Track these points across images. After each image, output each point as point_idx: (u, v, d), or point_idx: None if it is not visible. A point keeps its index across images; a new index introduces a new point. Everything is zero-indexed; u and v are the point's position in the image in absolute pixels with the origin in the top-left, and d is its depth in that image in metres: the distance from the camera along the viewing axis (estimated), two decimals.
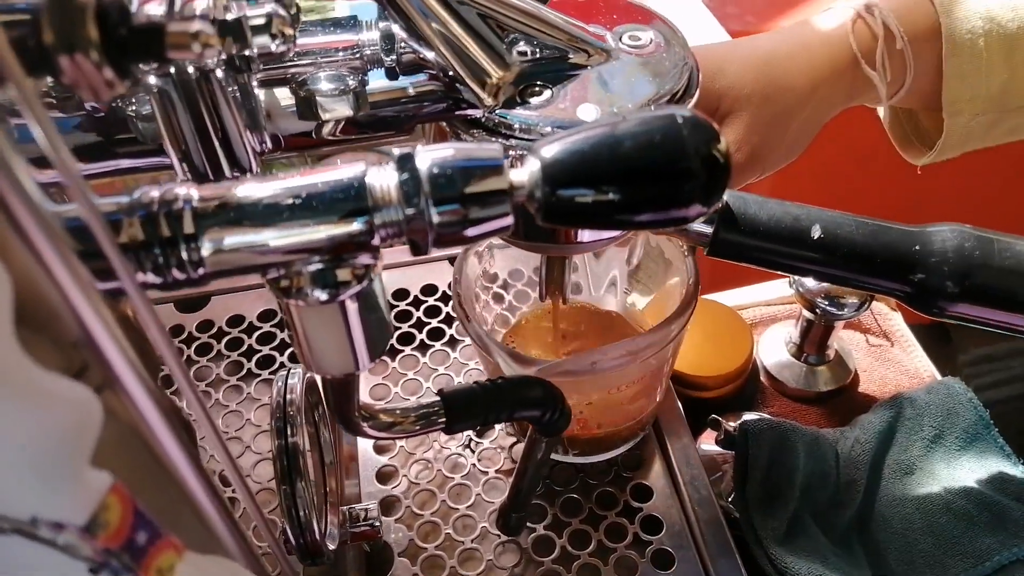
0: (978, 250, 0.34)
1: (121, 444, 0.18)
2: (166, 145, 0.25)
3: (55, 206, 0.16)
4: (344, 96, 0.31)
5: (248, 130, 0.26)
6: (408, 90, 0.31)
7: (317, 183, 0.20)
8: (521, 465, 0.35)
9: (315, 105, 0.31)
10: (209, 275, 0.20)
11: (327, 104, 0.31)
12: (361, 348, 0.22)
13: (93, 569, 0.16)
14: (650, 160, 0.20)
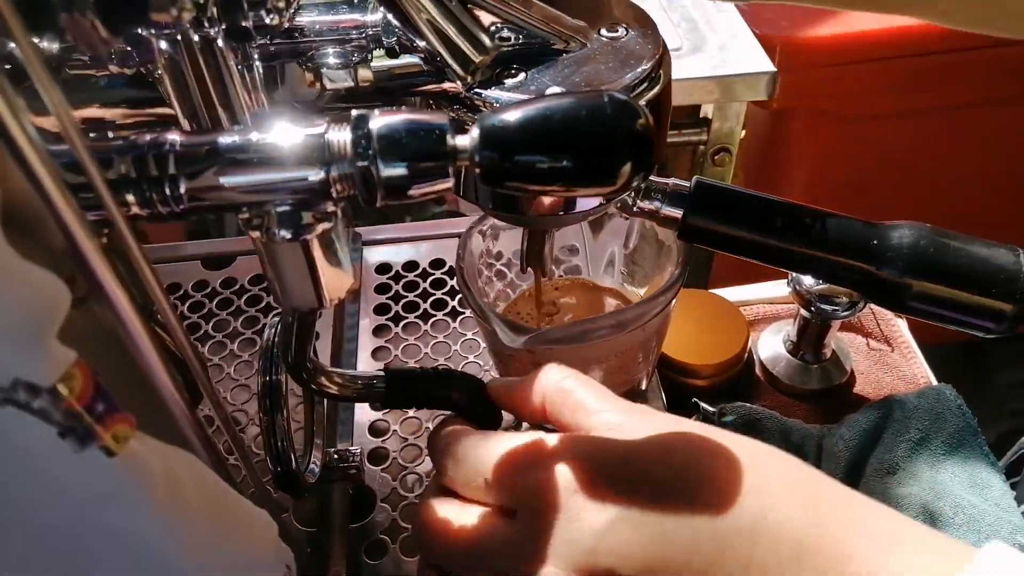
0: (932, 247, 0.35)
1: (100, 354, 0.22)
2: (174, 104, 0.29)
3: (52, 144, 0.20)
4: (346, 70, 0.34)
5: (247, 93, 0.30)
6: (402, 68, 0.34)
7: (285, 137, 0.23)
8: None
9: (320, 77, 0.34)
10: (188, 210, 0.23)
11: (331, 75, 0.34)
12: (322, 286, 0.26)
13: (61, 433, 0.19)
14: (575, 133, 0.23)
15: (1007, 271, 0.35)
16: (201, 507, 0.23)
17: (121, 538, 0.22)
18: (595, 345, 0.38)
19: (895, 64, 0.88)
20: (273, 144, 0.23)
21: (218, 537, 0.24)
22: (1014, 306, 0.35)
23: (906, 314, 0.37)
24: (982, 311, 0.35)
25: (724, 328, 0.60)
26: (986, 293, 0.35)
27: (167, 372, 0.22)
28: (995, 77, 0.91)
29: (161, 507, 0.21)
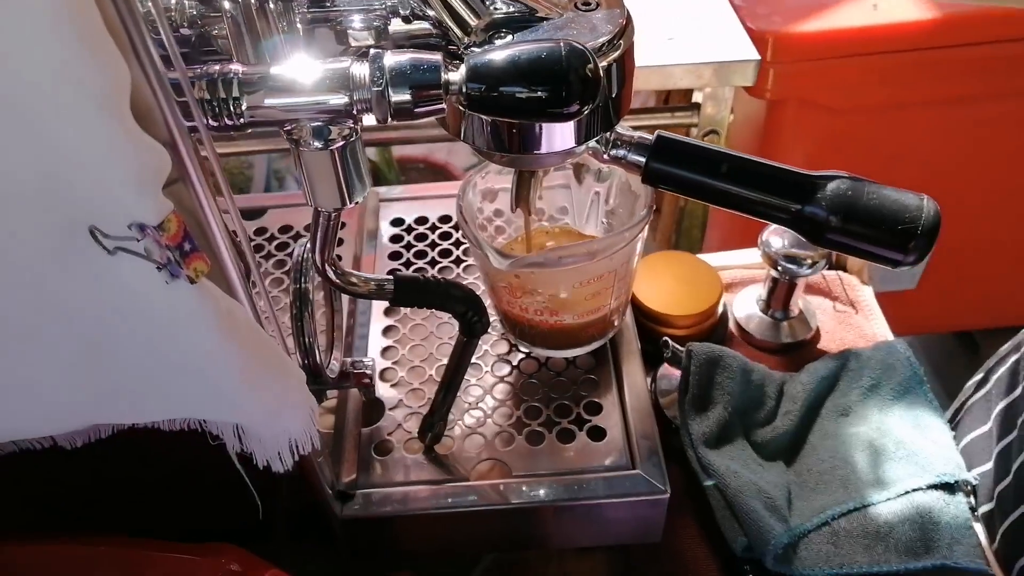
0: (851, 191, 0.42)
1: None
2: (234, 54, 0.37)
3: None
4: (368, 31, 0.42)
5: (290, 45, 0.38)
6: (415, 32, 0.42)
7: (318, 69, 0.31)
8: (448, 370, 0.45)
9: (346, 37, 0.42)
10: (246, 124, 0.31)
11: (356, 36, 0.42)
12: (345, 188, 0.33)
13: (159, 267, 0.27)
14: (537, 69, 0.31)
15: (911, 210, 0.42)
16: (251, 344, 0.31)
17: (190, 360, 0.30)
18: (568, 270, 0.45)
19: (883, 59, 0.94)
20: (309, 74, 0.31)
21: (263, 372, 0.32)
22: (915, 241, 0.41)
23: (828, 248, 0.43)
24: (891, 243, 0.42)
25: (700, 284, 0.67)
26: (893, 228, 0.42)
27: (226, 243, 0.30)
28: (981, 73, 0.97)
29: (223, 334, 0.29)
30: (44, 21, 0.21)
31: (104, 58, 0.23)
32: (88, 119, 0.23)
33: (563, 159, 0.44)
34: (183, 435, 0.36)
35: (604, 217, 0.56)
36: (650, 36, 0.83)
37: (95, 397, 0.32)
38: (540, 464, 0.49)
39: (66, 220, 0.27)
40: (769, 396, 0.61)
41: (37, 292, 0.29)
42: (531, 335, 0.53)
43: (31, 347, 0.30)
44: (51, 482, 0.41)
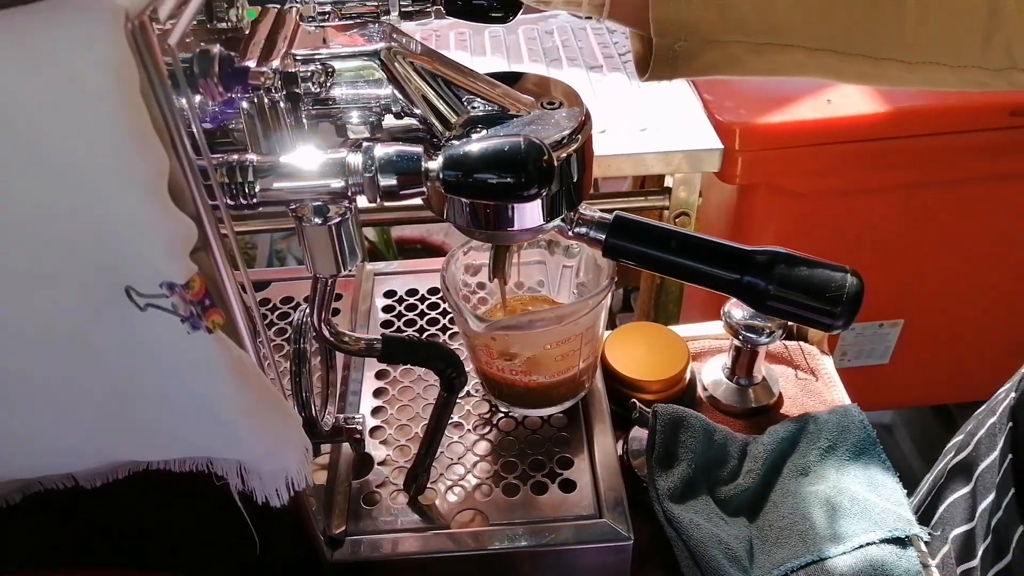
0: (784, 263, 0.48)
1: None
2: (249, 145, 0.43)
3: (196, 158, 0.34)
4: (364, 126, 0.49)
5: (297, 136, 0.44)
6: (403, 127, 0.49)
7: (321, 157, 0.37)
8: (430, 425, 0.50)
9: (345, 130, 0.49)
10: (259, 203, 0.37)
11: (354, 129, 0.49)
12: (341, 257, 0.39)
13: (183, 320, 0.33)
14: (501, 160, 0.37)
15: (836, 280, 0.47)
16: (256, 388, 0.36)
17: (205, 401, 0.35)
18: (539, 332, 0.51)
19: (838, 148, 1.03)
20: (312, 162, 0.37)
21: (266, 414, 0.37)
22: (841, 307, 0.47)
23: (770, 313, 0.49)
24: (820, 311, 0.48)
25: (669, 353, 0.72)
26: (821, 296, 0.47)
27: (238, 302, 0.36)
28: (927, 163, 1.06)
29: (233, 378, 0.34)
30: (107, 120, 0.27)
31: (150, 149, 0.29)
32: (135, 197, 0.29)
33: (533, 235, 0.50)
34: (191, 476, 0.41)
35: (575, 289, 0.62)
36: (625, 128, 0.92)
37: (119, 436, 0.37)
38: (516, 514, 0.53)
39: (107, 281, 0.32)
40: (732, 455, 0.65)
41: (77, 342, 0.34)
42: (508, 394, 0.58)
43: (66, 391, 0.36)
44: (70, 518, 0.45)
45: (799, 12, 0.47)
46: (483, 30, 1.19)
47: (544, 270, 0.65)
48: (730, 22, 0.47)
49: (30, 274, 0.32)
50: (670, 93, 1.01)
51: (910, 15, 0.45)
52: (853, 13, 0.46)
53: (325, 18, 0.48)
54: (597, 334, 0.55)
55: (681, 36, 0.48)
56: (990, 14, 0.44)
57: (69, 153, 0.28)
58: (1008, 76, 0.47)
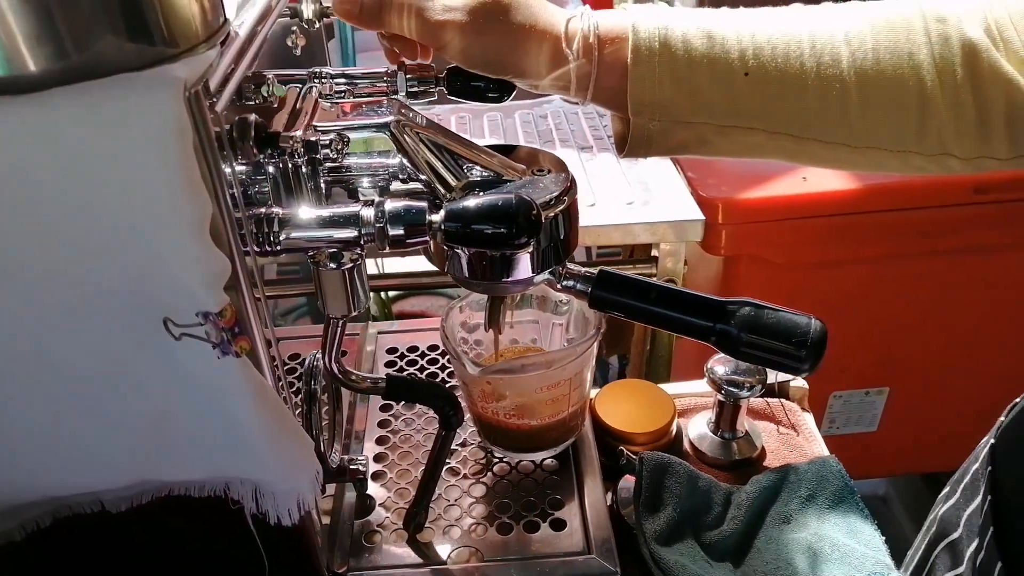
0: (753, 312, 0.53)
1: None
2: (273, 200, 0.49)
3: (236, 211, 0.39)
4: (374, 190, 0.55)
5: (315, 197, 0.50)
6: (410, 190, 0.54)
7: (337, 210, 0.43)
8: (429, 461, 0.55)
9: (357, 194, 0.54)
10: (282, 250, 0.43)
11: (364, 192, 0.54)
12: (352, 299, 0.44)
13: (214, 346, 0.37)
14: (495, 213, 0.42)
15: (801, 327, 0.52)
16: (275, 412, 0.40)
17: (230, 422, 0.39)
18: (530, 376, 0.55)
19: (814, 222, 1.09)
20: (330, 215, 0.43)
21: (283, 436, 0.41)
22: (806, 351, 0.52)
23: (743, 359, 0.53)
24: (787, 355, 0.52)
25: (655, 407, 0.76)
26: (788, 343, 0.52)
27: (260, 333, 0.41)
28: (898, 236, 1.12)
29: (256, 401, 0.39)
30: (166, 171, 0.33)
31: (198, 195, 0.34)
32: (184, 236, 0.34)
33: (525, 287, 0.55)
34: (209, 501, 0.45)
35: (565, 343, 0.67)
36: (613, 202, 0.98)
37: (150, 455, 0.41)
38: (509, 551, 0.56)
39: (147, 314, 0.37)
40: (716, 502, 0.69)
41: (117, 370, 0.39)
42: (502, 438, 0.62)
43: (106, 414, 0.40)
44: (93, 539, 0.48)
45: (758, 99, 0.53)
46: (482, 114, 1.28)
47: (537, 328, 0.70)
48: (698, 105, 0.54)
49: (81, 309, 0.37)
50: (656, 171, 1.08)
51: (853, 104, 0.51)
52: (805, 101, 0.52)
53: (342, 96, 0.54)
54: (584, 380, 0.60)
55: (655, 116, 0.54)
56: (920, 106, 0.51)
57: (130, 199, 0.34)
58: (941, 161, 0.53)
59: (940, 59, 0.50)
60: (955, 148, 0.52)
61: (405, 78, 0.60)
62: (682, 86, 0.53)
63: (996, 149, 0.51)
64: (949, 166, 0.53)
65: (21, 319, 0.36)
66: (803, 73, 0.51)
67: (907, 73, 0.50)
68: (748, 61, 0.52)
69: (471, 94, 0.61)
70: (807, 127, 0.53)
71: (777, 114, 0.53)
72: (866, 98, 0.51)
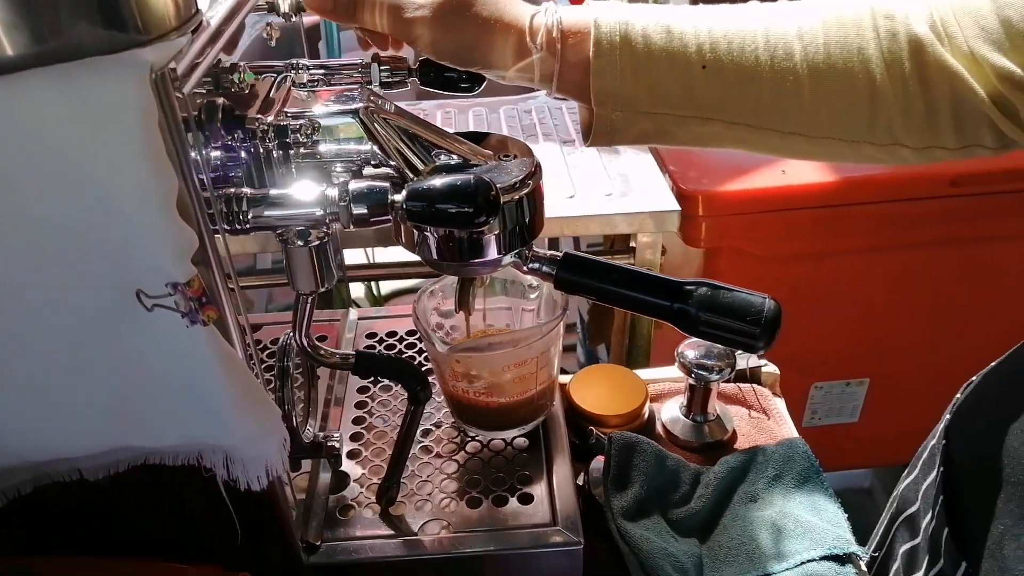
0: (710, 292, 0.55)
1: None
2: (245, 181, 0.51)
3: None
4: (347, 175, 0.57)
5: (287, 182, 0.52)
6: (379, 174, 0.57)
7: (304, 190, 0.45)
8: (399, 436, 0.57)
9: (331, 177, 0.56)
10: (250, 228, 0.45)
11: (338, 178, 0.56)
12: (319, 276, 0.46)
13: (183, 315, 0.39)
14: (452, 194, 0.45)
15: (756, 306, 0.54)
16: (242, 380, 0.43)
17: (198, 389, 0.42)
18: (498, 355, 0.57)
19: (793, 215, 1.11)
20: (296, 195, 0.45)
21: (250, 403, 0.43)
22: (760, 329, 0.54)
23: (702, 338, 0.55)
24: (742, 332, 0.54)
25: (627, 391, 0.78)
26: (743, 320, 0.54)
27: (229, 305, 0.43)
28: (875, 228, 1.14)
29: (223, 369, 0.41)
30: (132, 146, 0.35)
31: (164, 171, 0.37)
32: (151, 209, 0.36)
33: (493, 268, 0.57)
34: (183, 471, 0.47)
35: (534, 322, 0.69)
36: (593, 193, 1.00)
37: (124, 422, 0.43)
38: (478, 523, 0.59)
39: (121, 286, 0.39)
40: (684, 481, 0.71)
41: (93, 340, 0.41)
42: (473, 416, 0.64)
43: (81, 382, 0.42)
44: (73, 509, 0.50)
45: (715, 91, 0.55)
46: (467, 109, 1.30)
47: (510, 314, 0.72)
48: (657, 97, 0.56)
49: (57, 283, 0.39)
50: (636, 165, 1.10)
51: (806, 96, 0.54)
52: (760, 93, 0.55)
53: (315, 85, 0.56)
54: (551, 359, 0.62)
55: (617, 107, 0.56)
56: (870, 98, 0.53)
57: (99, 174, 0.36)
58: (894, 151, 0.55)
59: (888, 53, 0.52)
60: (906, 138, 0.54)
61: (379, 69, 0.62)
62: (642, 78, 0.55)
63: (944, 139, 0.53)
64: (902, 156, 0.55)
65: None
66: (758, 66, 0.54)
67: (857, 67, 0.52)
68: (705, 55, 0.54)
69: (443, 85, 0.63)
70: (763, 118, 0.55)
71: (734, 105, 0.55)
72: (818, 90, 0.54)
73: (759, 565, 0.65)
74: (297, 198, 0.45)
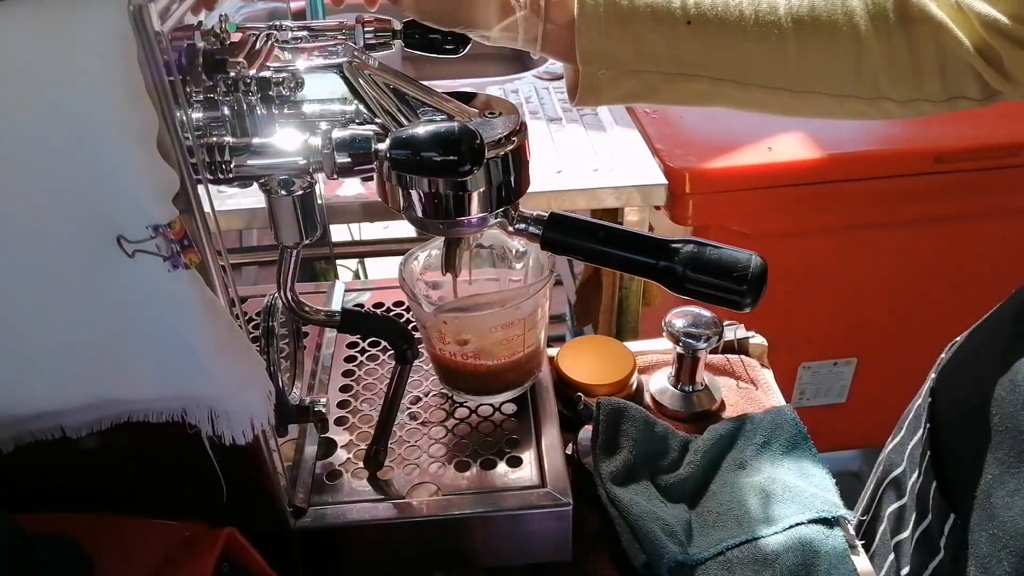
0: (695, 249, 0.55)
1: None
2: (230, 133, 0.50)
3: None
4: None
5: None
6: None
7: (287, 138, 0.45)
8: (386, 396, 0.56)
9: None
10: (232, 178, 0.44)
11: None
12: (303, 227, 0.46)
13: (165, 259, 0.39)
14: (436, 142, 0.44)
15: (742, 262, 0.54)
16: (225, 328, 0.42)
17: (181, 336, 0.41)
18: (484, 315, 0.57)
19: (779, 192, 1.12)
20: (279, 144, 0.45)
21: (234, 352, 0.43)
22: (747, 285, 0.54)
23: (688, 296, 0.55)
24: (728, 290, 0.54)
25: (616, 361, 0.78)
26: (728, 278, 0.54)
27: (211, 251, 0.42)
28: (862, 205, 1.14)
29: (206, 314, 0.40)
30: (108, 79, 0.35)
31: (142, 106, 0.36)
32: (129, 146, 0.36)
33: (479, 228, 0.56)
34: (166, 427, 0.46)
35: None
36: (580, 168, 1.00)
37: (105, 375, 0.43)
38: (467, 486, 0.58)
39: (100, 231, 0.39)
40: (673, 448, 0.71)
41: (70, 289, 0.40)
42: (462, 381, 0.64)
43: (58, 334, 0.41)
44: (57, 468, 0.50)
45: (700, 47, 0.55)
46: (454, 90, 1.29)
47: (497, 285, 0.71)
48: (643, 55, 0.56)
49: (32, 227, 0.39)
50: (622, 141, 1.10)
51: (791, 50, 0.54)
52: (745, 48, 0.55)
53: (298, 41, 0.56)
54: (537, 322, 0.62)
55: (603, 65, 0.56)
56: (856, 51, 0.53)
57: (78, 108, 0.35)
58: (879, 105, 0.55)
59: (873, 5, 0.52)
60: (891, 91, 0.54)
61: (363, 31, 0.61)
62: (627, 36, 0.55)
63: (930, 91, 0.54)
64: (886, 109, 0.56)
65: None
66: (742, 21, 0.54)
67: (841, 19, 0.52)
68: (689, 10, 0.54)
69: (427, 47, 0.63)
70: (748, 73, 0.56)
71: (719, 61, 0.55)
72: (803, 44, 0.54)
73: (748, 529, 0.65)
74: (280, 147, 0.45)
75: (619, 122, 1.16)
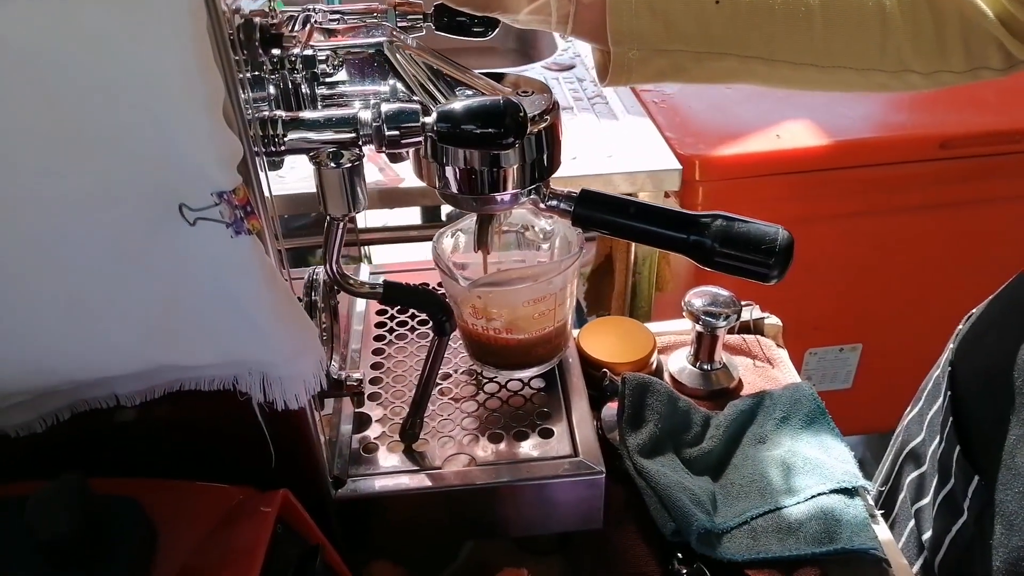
0: (725, 223, 0.56)
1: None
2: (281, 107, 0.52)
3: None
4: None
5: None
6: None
7: (337, 113, 0.46)
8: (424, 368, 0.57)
9: None
10: (286, 151, 0.46)
11: None
12: (351, 199, 0.47)
13: (227, 225, 0.40)
14: (481, 114, 0.46)
15: (770, 235, 0.56)
16: (283, 293, 0.43)
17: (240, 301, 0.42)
18: (518, 289, 0.58)
19: (788, 179, 1.14)
20: (330, 116, 0.46)
21: (290, 317, 0.44)
22: (775, 258, 0.55)
23: (717, 269, 0.57)
24: (756, 263, 0.56)
25: (636, 341, 0.80)
26: (757, 252, 0.56)
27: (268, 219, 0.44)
28: (868, 192, 1.16)
29: (266, 280, 0.42)
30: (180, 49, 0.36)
31: (211, 76, 0.37)
32: (198, 114, 0.37)
33: (511, 205, 0.58)
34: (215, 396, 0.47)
35: None
36: (594, 155, 1.02)
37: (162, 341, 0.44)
38: (500, 456, 0.60)
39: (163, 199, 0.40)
40: (695, 423, 0.72)
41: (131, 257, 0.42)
42: (493, 355, 0.65)
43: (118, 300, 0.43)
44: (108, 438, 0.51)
45: (730, 26, 0.57)
46: None
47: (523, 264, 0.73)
48: (674, 34, 0.57)
49: (97, 195, 0.40)
50: (634, 129, 1.12)
51: (818, 26, 0.55)
52: (774, 26, 0.56)
53: (336, 22, 0.57)
54: (567, 296, 0.63)
55: (634, 46, 0.58)
56: (881, 24, 0.55)
57: (146, 79, 0.36)
58: (903, 78, 0.57)
59: None
60: (915, 63, 0.56)
61: (395, 14, 0.63)
62: (658, 16, 0.57)
63: (953, 63, 0.55)
64: (911, 82, 0.57)
65: (39, 204, 0.39)
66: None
67: None
68: None
69: (457, 29, 0.64)
70: (776, 50, 0.57)
71: (748, 39, 0.57)
72: (830, 20, 0.55)
73: (771, 500, 0.66)
74: (330, 119, 0.46)
75: (630, 111, 1.18)
